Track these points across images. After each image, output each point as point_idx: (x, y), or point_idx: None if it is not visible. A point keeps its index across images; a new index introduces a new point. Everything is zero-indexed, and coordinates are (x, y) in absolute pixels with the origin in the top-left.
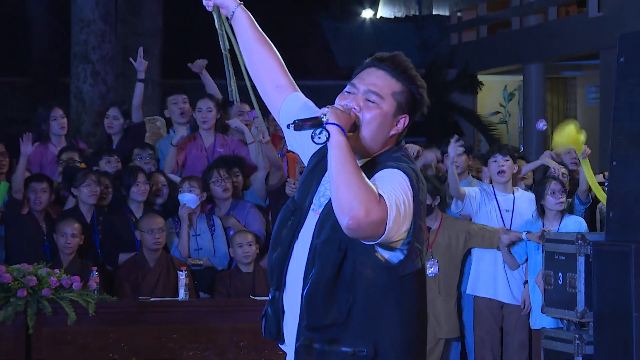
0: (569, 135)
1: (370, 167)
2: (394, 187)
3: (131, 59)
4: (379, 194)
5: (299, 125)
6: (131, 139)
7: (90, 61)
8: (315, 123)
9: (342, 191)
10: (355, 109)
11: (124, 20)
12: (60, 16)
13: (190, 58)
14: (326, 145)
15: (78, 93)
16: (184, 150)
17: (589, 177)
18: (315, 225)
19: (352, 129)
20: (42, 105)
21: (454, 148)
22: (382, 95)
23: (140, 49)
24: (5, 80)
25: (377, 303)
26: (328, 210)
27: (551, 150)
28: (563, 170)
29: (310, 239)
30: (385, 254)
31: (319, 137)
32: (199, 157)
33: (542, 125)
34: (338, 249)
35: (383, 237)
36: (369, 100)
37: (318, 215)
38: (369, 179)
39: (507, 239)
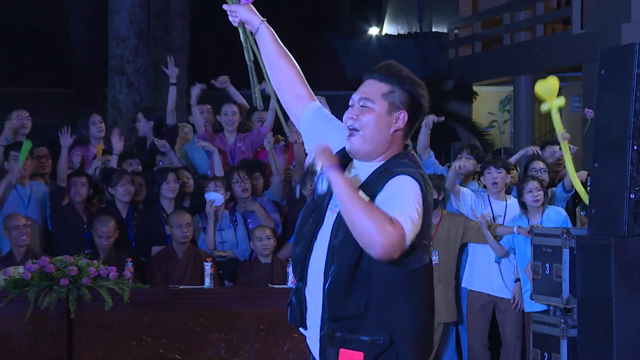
0: (551, 86)
1: (381, 174)
2: (405, 200)
3: (163, 67)
4: (392, 217)
5: (303, 185)
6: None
7: (125, 73)
8: (313, 175)
9: (360, 230)
10: (352, 118)
11: (155, 36)
12: (98, 34)
13: (214, 70)
14: (340, 151)
15: (114, 102)
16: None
17: (568, 161)
18: (333, 225)
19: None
20: (83, 113)
21: (463, 160)
22: (372, 99)
23: (171, 57)
24: (50, 91)
25: (390, 296)
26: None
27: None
28: (542, 165)
29: (329, 236)
30: None
31: (322, 188)
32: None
33: (589, 114)
34: (354, 248)
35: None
36: (363, 107)
37: (335, 214)
38: (382, 187)
39: (501, 231)
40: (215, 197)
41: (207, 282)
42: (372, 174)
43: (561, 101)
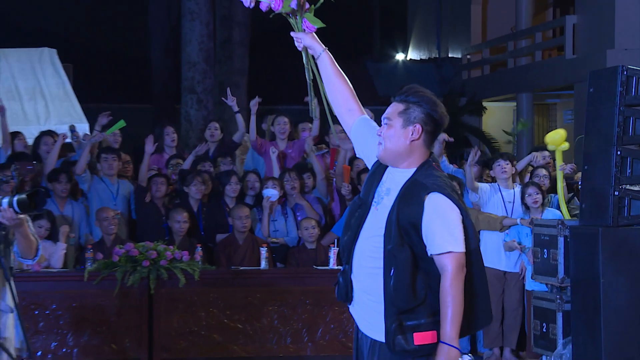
0: (557, 137)
1: (413, 185)
2: (451, 229)
3: (223, 99)
4: (449, 251)
5: None
6: (225, 149)
7: (195, 92)
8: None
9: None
10: (379, 135)
11: (220, 61)
12: (173, 59)
13: (268, 88)
14: (377, 161)
15: (187, 116)
16: (267, 154)
17: (560, 188)
18: (385, 229)
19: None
20: (159, 125)
21: (472, 155)
22: (391, 117)
23: (228, 90)
24: (132, 106)
25: (437, 284)
26: (391, 217)
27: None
28: (544, 172)
29: (376, 234)
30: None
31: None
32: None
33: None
34: (409, 253)
35: None
36: (386, 124)
37: (377, 210)
38: (421, 205)
39: (507, 222)
40: (271, 193)
41: (263, 264)
42: (405, 184)
43: (565, 146)
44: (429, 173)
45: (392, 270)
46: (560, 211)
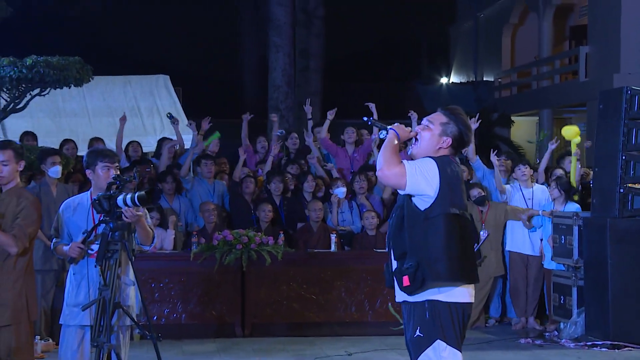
0: (573, 131)
1: None
2: (417, 163)
3: (304, 106)
4: (402, 162)
5: (375, 124)
6: (301, 155)
7: (279, 109)
8: (385, 127)
9: (379, 159)
10: (419, 131)
11: (299, 85)
12: (260, 82)
13: (337, 106)
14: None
15: (272, 129)
16: (338, 157)
17: (573, 171)
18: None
19: (405, 142)
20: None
21: (494, 159)
22: (434, 122)
23: (308, 101)
24: (228, 120)
25: (415, 235)
26: (399, 200)
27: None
28: (561, 172)
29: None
30: (416, 203)
31: (381, 133)
32: (344, 161)
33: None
34: (400, 208)
35: (407, 186)
36: (426, 125)
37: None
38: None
39: (530, 213)
40: (339, 191)
41: (333, 247)
42: None
43: (578, 140)
44: (439, 156)
45: (390, 222)
46: (573, 186)
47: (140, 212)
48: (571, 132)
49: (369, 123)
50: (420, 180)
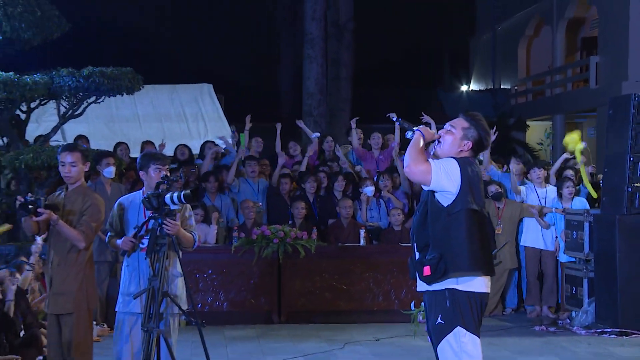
0: (573, 139)
1: None
2: (441, 162)
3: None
4: (428, 161)
5: (402, 125)
6: (333, 156)
7: (312, 115)
8: (412, 128)
9: (407, 156)
10: (442, 134)
11: (330, 93)
12: (295, 89)
13: (366, 111)
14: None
15: (306, 133)
16: (366, 160)
17: (584, 175)
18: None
19: (429, 143)
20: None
21: (513, 164)
22: (456, 127)
23: (301, 123)
24: (267, 125)
25: (438, 231)
26: (423, 196)
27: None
28: (571, 172)
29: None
30: (439, 199)
31: (408, 134)
32: (371, 163)
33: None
34: (424, 204)
35: (432, 182)
36: (448, 130)
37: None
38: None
39: (545, 210)
40: (367, 190)
41: (362, 241)
42: None
43: (580, 146)
44: (460, 157)
45: (414, 219)
46: (589, 191)
47: (177, 222)
48: (573, 140)
49: (398, 123)
50: (444, 178)
